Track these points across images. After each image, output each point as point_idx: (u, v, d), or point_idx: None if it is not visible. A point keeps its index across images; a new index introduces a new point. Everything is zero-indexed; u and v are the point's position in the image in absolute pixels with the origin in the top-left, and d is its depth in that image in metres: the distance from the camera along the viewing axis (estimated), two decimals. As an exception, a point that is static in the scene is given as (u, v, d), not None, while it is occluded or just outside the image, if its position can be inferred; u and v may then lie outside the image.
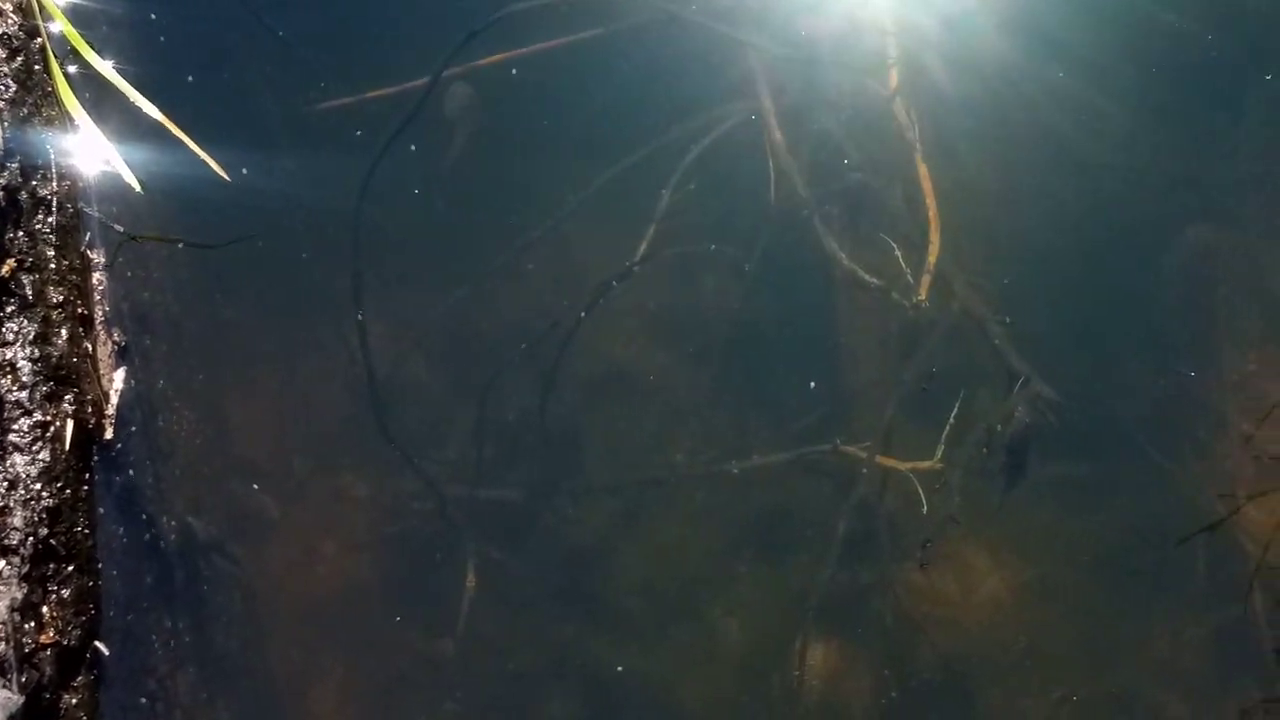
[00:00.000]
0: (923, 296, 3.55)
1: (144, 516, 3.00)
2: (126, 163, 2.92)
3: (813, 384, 3.62)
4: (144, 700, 2.92)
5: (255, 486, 3.44)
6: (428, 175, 3.62)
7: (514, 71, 3.68)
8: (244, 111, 3.59)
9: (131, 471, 2.97)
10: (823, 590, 3.48)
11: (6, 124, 2.76)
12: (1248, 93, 3.82)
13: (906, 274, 3.57)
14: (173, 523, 3.12)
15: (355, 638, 3.46)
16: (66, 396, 2.76)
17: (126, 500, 2.93)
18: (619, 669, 3.47)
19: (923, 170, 3.64)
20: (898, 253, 3.60)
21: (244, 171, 3.35)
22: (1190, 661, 3.51)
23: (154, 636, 2.98)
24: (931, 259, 3.59)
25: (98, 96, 3.15)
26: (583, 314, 3.58)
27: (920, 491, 3.45)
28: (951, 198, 3.66)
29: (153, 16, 3.49)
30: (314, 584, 3.48)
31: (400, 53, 3.68)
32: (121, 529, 2.91)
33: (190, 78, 3.54)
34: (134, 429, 3.01)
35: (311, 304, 3.57)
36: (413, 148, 3.58)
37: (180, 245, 3.35)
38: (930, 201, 3.63)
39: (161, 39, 3.49)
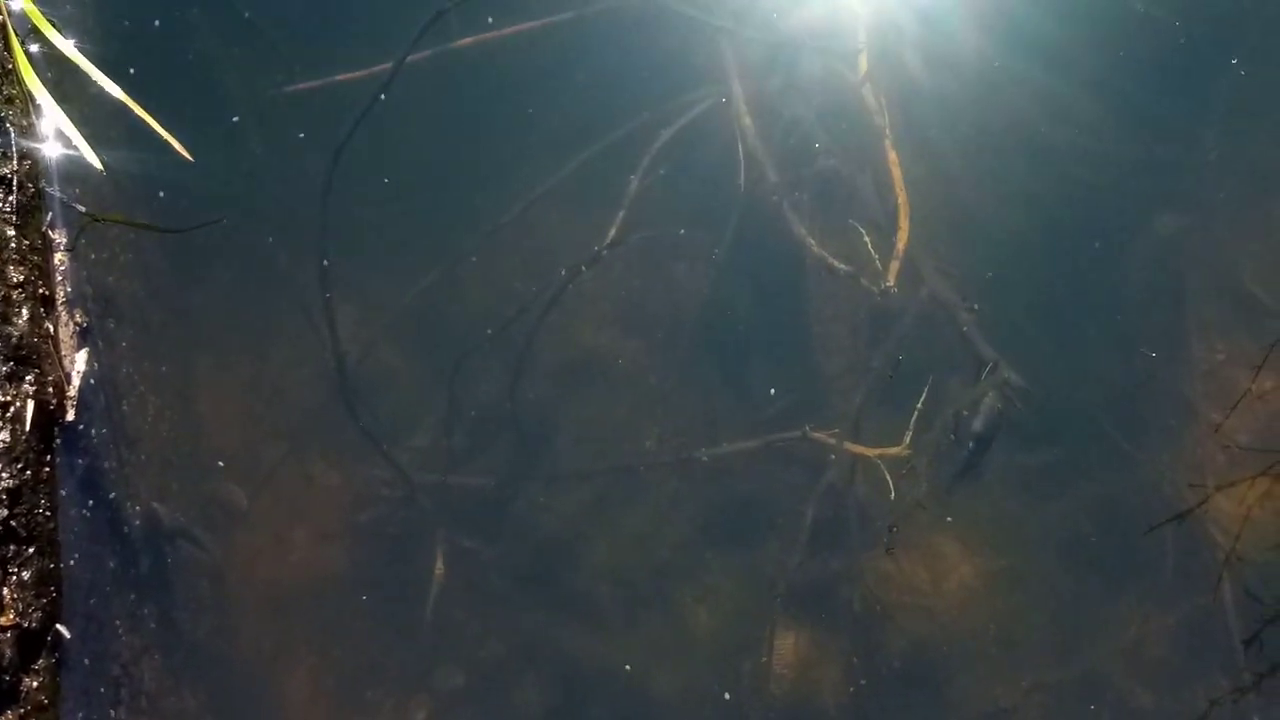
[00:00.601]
0: (891, 283, 3.54)
1: (108, 500, 2.97)
2: (89, 143, 2.89)
3: (773, 388, 3.61)
4: (106, 686, 2.89)
5: (223, 473, 3.41)
6: (395, 159, 3.59)
7: (483, 55, 3.65)
8: (209, 93, 3.57)
9: (95, 455, 2.95)
10: (792, 577, 3.47)
11: (-34, 102, 2.73)
12: (1214, 80, 3.82)
13: (875, 260, 3.57)
14: (137, 508, 3.10)
15: (325, 626, 3.43)
16: (27, 377, 2.73)
17: (89, 483, 2.91)
18: (589, 656, 3.44)
19: (892, 156, 3.63)
20: (866, 239, 3.59)
21: (209, 154, 3.31)
22: (1159, 650, 3.52)
23: (118, 621, 2.96)
24: (900, 245, 3.58)
25: (59, 76, 3.12)
26: (551, 299, 3.56)
27: (888, 478, 3.44)
28: (921, 184, 3.66)
29: (118, -1, 3.46)
30: (283, 571, 3.45)
31: (368, 35, 3.64)
32: (84, 512, 2.88)
33: (155, 59, 3.50)
34: (98, 412, 2.98)
35: (279, 289, 3.54)
36: (379, 131, 3.54)
37: (144, 229, 3.32)
38: (899, 188, 3.62)
39: (126, 19, 3.47)
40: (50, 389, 2.81)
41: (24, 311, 2.76)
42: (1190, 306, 3.73)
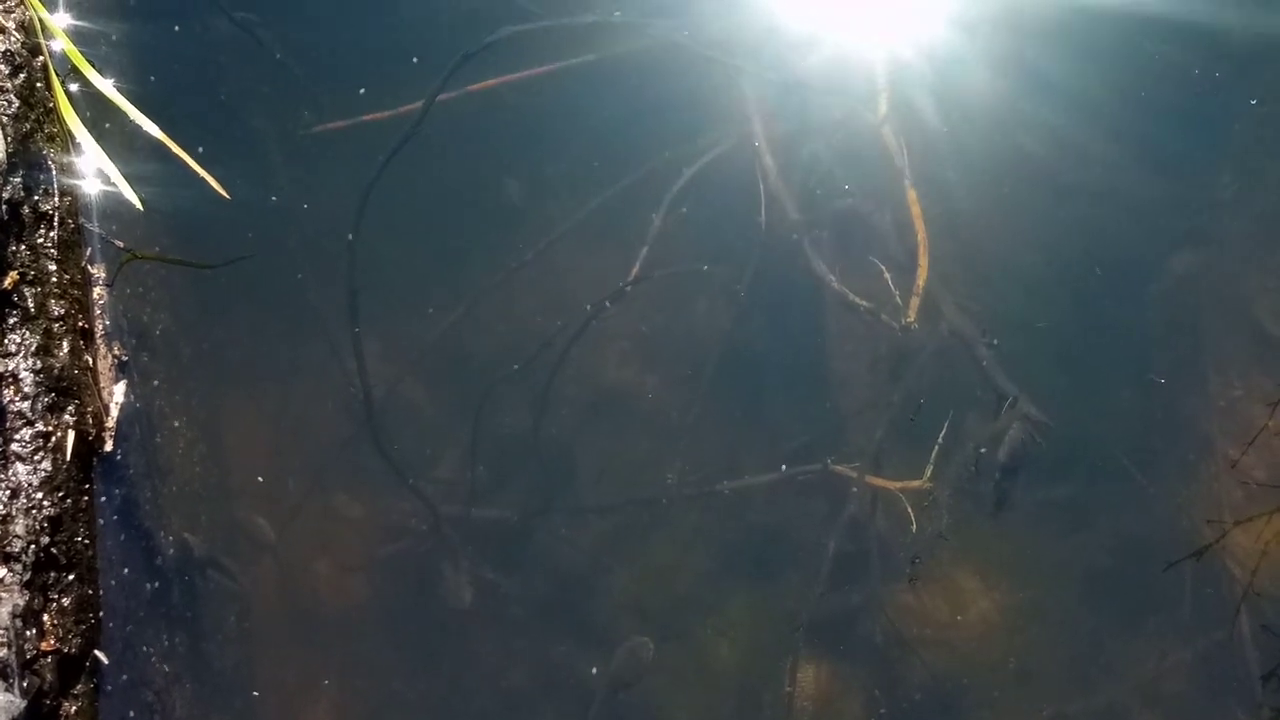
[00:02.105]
0: (911, 318, 3.59)
1: (143, 530, 3.02)
2: (126, 180, 2.95)
3: (794, 422, 3.66)
4: (141, 712, 2.93)
5: (250, 506, 3.45)
6: (420, 197, 3.65)
7: (507, 96, 3.72)
8: (241, 132, 3.63)
9: (130, 485, 2.99)
10: (813, 609, 3.50)
11: (10, 139, 2.79)
12: (1231, 119, 3.88)
13: (895, 296, 3.62)
14: (170, 537, 3.14)
15: (348, 657, 3.46)
16: (68, 408, 2.78)
17: (126, 513, 2.95)
18: (611, 688, 3.47)
19: (911, 195, 3.69)
20: (887, 275, 3.64)
21: (239, 191, 3.36)
22: (1178, 684, 3.54)
23: (151, 649, 2.99)
24: (920, 281, 3.63)
25: (98, 115, 3.18)
26: (575, 335, 3.60)
27: (910, 510, 3.48)
28: (939, 222, 3.71)
29: (152, 38, 3.53)
30: (308, 602, 3.49)
31: (394, 76, 3.71)
32: (121, 541, 2.92)
33: (187, 100, 3.57)
34: (134, 443, 3.03)
35: (306, 324, 3.59)
36: (405, 169, 3.60)
37: (180, 264, 3.37)
38: (919, 225, 3.68)
39: (161, 60, 3.53)
40: (90, 420, 2.86)
41: (65, 344, 2.81)
42: (1207, 343, 3.77)
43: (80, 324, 2.91)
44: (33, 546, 2.60)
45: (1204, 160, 3.89)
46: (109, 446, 2.89)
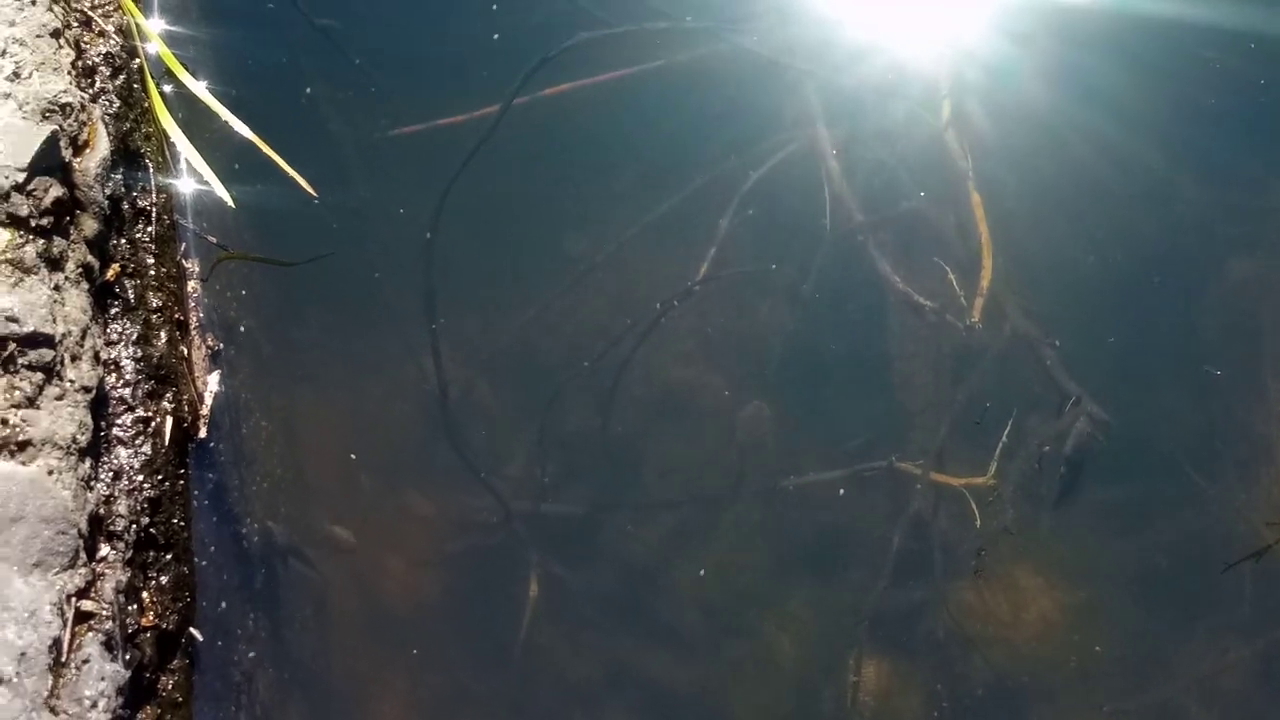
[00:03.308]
0: (976, 318, 3.65)
1: (232, 515, 3.11)
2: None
3: (858, 419, 3.71)
4: (231, 690, 3.02)
5: (326, 504, 3.53)
6: (493, 200, 3.73)
7: (577, 100, 3.80)
8: (321, 135, 3.72)
9: (222, 471, 3.09)
10: (876, 605, 3.55)
11: (112, 137, 2.90)
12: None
13: (960, 296, 3.67)
14: (255, 524, 3.23)
15: (420, 650, 3.54)
16: (166, 395, 2.89)
17: (217, 498, 3.05)
18: (675, 682, 3.53)
19: (975, 198, 3.75)
20: (951, 276, 3.70)
21: (320, 192, 3.45)
22: (1236, 682, 3.57)
23: (239, 630, 3.08)
24: (984, 283, 3.69)
25: (190, 115, 3.29)
26: (643, 334, 3.67)
27: (974, 506, 3.53)
28: (1002, 225, 3.77)
29: (239, 43, 3.64)
30: (382, 596, 3.56)
31: (469, 81, 3.80)
32: (213, 524, 3.02)
33: (270, 104, 3.66)
34: (224, 432, 3.12)
35: (382, 323, 3.67)
36: (479, 173, 3.69)
37: (267, 263, 3.46)
38: (983, 228, 3.74)
39: (246, 64, 3.64)
40: (185, 407, 2.96)
41: (162, 334, 2.92)
42: (1265, 348, 3.80)
43: (176, 315, 3.02)
44: (134, 526, 2.71)
45: (1258, 167, 3.93)
46: (203, 433, 3.00)
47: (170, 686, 2.77)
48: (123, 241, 2.91)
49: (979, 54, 3.91)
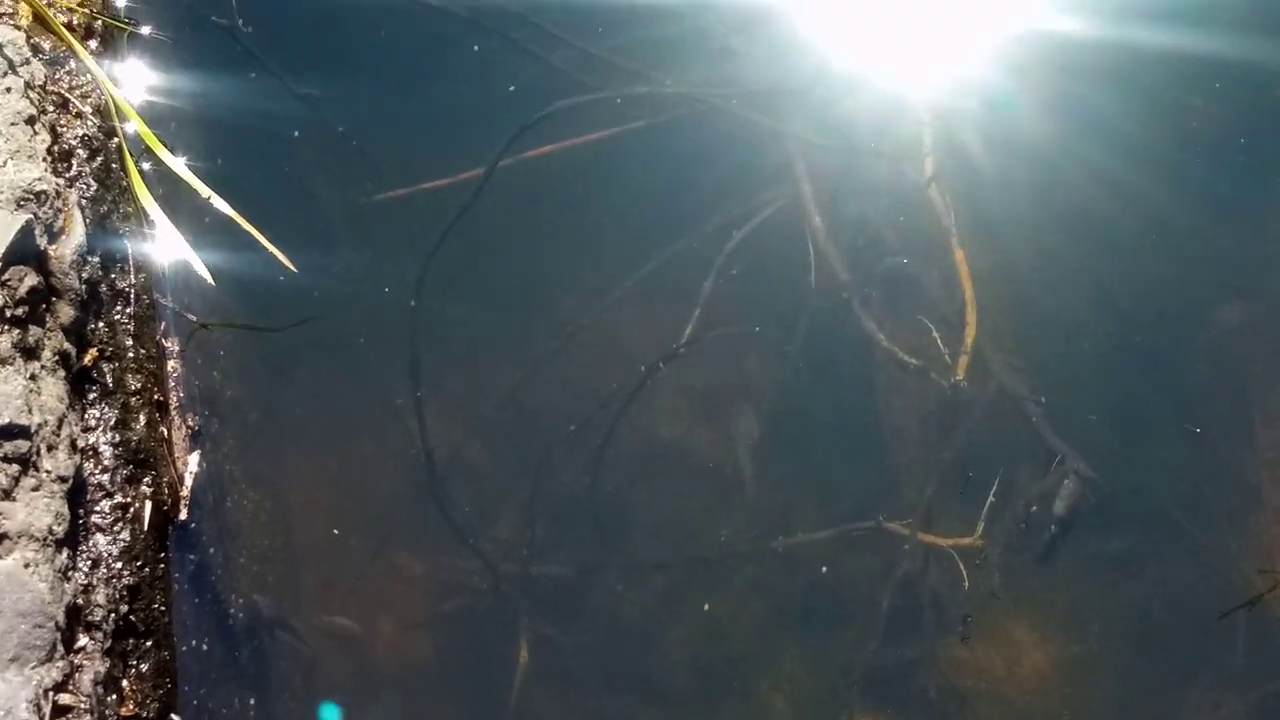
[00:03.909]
0: (960, 377, 3.65)
1: (215, 594, 3.11)
2: (198, 253, 3.05)
3: (846, 479, 3.71)
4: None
5: (315, 565, 3.53)
6: (478, 263, 3.74)
7: (562, 161, 3.81)
8: (306, 202, 3.74)
9: (204, 551, 3.09)
10: (868, 664, 3.54)
11: (88, 221, 2.91)
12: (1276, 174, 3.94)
13: (944, 355, 3.68)
14: (240, 600, 3.23)
15: (411, 713, 3.53)
16: (145, 479, 2.89)
17: (199, 578, 3.05)
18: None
19: (959, 255, 3.75)
20: (935, 334, 3.70)
21: (306, 259, 3.45)
22: (1232, 734, 3.56)
23: (224, 710, 3.08)
24: (969, 340, 3.70)
25: (170, 191, 3.29)
26: (630, 396, 3.67)
27: (962, 567, 3.52)
28: (987, 281, 3.78)
29: (220, 115, 3.65)
30: (372, 659, 3.55)
31: (452, 146, 3.81)
32: (195, 605, 3.02)
33: (253, 172, 3.68)
34: (206, 510, 3.12)
35: (369, 389, 3.67)
36: (463, 236, 3.70)
37: (246, 329, 3.47)
38: (966, 284, 3.75)
39: (229, 136, 3.65)
40: (165, 490, 2.96)
41: (141, 417, 2.92)
42: (1255, 394, 3.80)
43: (156, 397, 3.02)
44: (112, 615, 2.70)
45: (1244, 215, 3.94)
46: (184, 515, 2.99)
47: (152, 776, 2.76)
48: (101, 325, 2.91)
49: (959, 111, 3.91)
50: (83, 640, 2.62)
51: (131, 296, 3.00)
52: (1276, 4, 4.13)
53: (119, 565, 2.76)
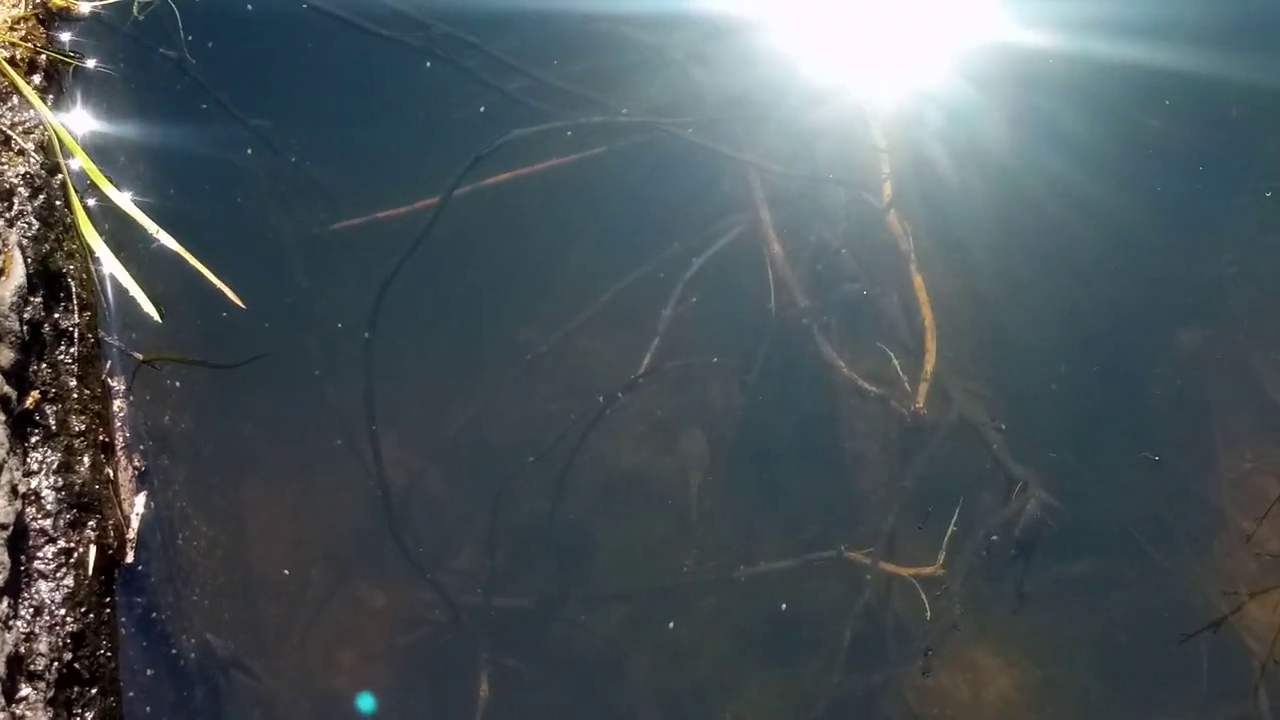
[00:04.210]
0: (920, 404, 3.63)
1: (165, 635, 3.06)
2: (143, 284, 3.01)
3: (808, 507, 3.68)
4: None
5: (273, 600, 3.49)
6: (435, 292, 3.71)
7: (519, 189, 3.78)
8: (259, 234, 3.69)
9: (152, 593, 3.04)
10: (832, 694, 3.52)
11: (30, 260, 2.86)
12: (1234, 195, 3.94)
13: (904, 382, 3.66)
14: (192, 640, 3.18)
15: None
16: (89, 523, 2.84)
17: (148, 621, 3.00)
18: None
19: (918, 280, 3.74)
20: (895, 361, 3.69)
21: (260, 292, 3.42)
22: (1195, 760, 3.55)
23: (175, 755, 3.04)
24: (928, 367, 3.68)
25: (117, 227, 3.25)
26: (589, 426, 3.64)
27: (924, 597, 3.50)
28: (947, 306, 3.76)
29: (170, 147, 3.61)
30: (331, 693, 3.52)
31: (407, 174, 3.78)
32: (144, 649, 2.97)
33: (205, 204, 3.64)
34: (154, 550, 3.08)
35: (325, 421, 3.63)
36: (420, 264, 3.67)
37: (197, 366, 3.43)
38: (926, 310, 3.73)
39: (179, 169, 3.61)
40: (111, 533, 2.91)
41: (86, 459, 2.88)
42: (1216, 417, 3.79)
43: (101, 438, 2.97)
44: (56, 664, 2.65)
45: (1211, 235, 3.93)
46: (130, 558, 2.95)
47: (97, 826, 2.72)
48: (43, 366, 2.87)
49: (918, 136, 3.91)
50: (25, 690, 2.58)
51: (75, 336, 2.95)
52: (1234, 21, 4.11)
53: (62, 612, 2.71)
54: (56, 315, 2.95)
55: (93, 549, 2.81)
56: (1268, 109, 4.06)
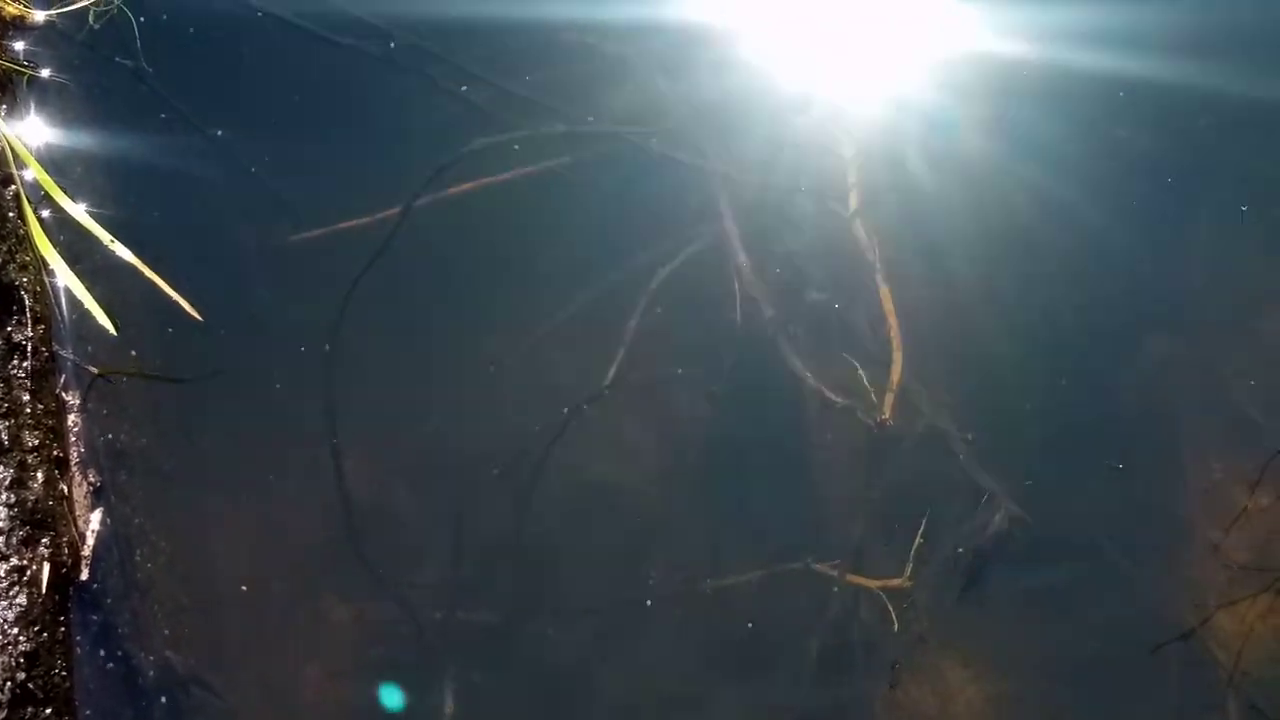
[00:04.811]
0: (887, 415, 3.62)
1: (123, 653, 3.02)
2: (100, 298, 2.97)
3: (774, 519, 3.67)
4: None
5: (234, 615, 3.45)
6: (397, 303, 3.67)
7: (483, 199, 3.76)
8: (218, 246, 3.66)
9: (109, 611, 3.00)
10: (800, 707, 3.50)
11: (-18, 273, 2.82)
12: (1199, 206, 3.94)
13: (870, 393, 3.64)
14: (151, 658, 3.14)
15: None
16: (43, 540, 2.80)
17: (104, 638, 2.96)
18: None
19: (884, 290, 3.73)
20: (861, 372, 3.67)
21: (218, 304, 3.39)
22: (1165, 772, 3.54)
23: (131, 776, 2.99)
24: (895, 377, 3.66)
25: (72, 238, 3.21)
26: (554, 438, 3.62)
27: (891, 610, 3.48)
28: (913, 316, 3.75)
29: (126, 157, 3.57)
30: (295, 711, 3.48)
31: (370, 184, 3.75)
32: (99, 668, 2.93)
33: (164, 215, 3.60)
34: (111, 566, 3.04)
35: (288, 435, 3.60)
36: (382, 275, 3.63)
37: (150, 379, 3.39)
38: (892, 320, 3.72)
39: (136, 180, 3.57)
40: (65, 550, 2.87)
41: (39, 475, 2.83)
42: (1185, 427, 3.79)
43: (55, 453, 2.93)
44: (9, 684, 2.61)
45: (1181, 246, 3.94)
46: (85, 575, 2.91)
47: None
48: (-4, 380, 2.83)
49: (884, 145, 3.90)
50: (-25, 712, 2.53)
51: (29, 350, 2.91)
52: (1208, 31, 4.12)
53: (15, 631, 2.67)
54: (9, 329, 2.90)
55: (46, 566, 2.77)
56: (1235, 119, 4.05)
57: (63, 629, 2.82)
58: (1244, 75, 4.08)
